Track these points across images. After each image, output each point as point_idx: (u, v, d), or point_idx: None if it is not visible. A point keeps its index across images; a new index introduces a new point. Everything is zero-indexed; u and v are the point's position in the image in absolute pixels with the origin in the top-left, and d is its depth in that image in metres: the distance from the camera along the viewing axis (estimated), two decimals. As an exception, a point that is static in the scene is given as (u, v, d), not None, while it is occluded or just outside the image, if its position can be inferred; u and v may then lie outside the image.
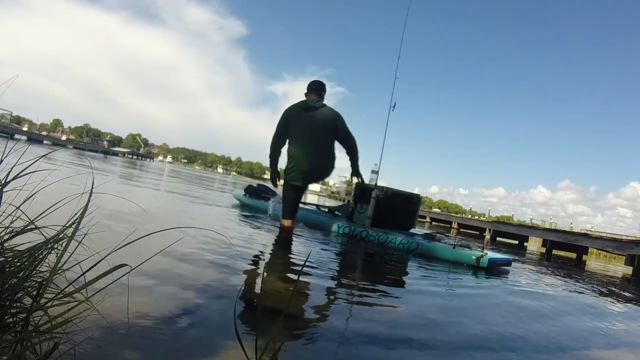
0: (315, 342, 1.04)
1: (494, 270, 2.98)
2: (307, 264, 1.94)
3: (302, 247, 2.66)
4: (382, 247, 3.34)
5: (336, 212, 4.26)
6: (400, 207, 3.91)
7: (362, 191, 3.89)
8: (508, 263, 3.26)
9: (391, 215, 3.82)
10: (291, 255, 2.30)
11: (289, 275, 1.74)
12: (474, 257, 2.99)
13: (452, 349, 1.16)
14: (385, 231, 3.56)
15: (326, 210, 4.44)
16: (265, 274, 1.69)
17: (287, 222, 3.22)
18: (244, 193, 4.97)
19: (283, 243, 2.74)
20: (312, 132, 3.17)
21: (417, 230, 4.10)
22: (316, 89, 3.35)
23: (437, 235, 3.57)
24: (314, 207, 4.62)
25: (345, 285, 1.78)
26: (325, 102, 3.32)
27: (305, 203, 4.70)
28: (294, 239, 2.97)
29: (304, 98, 3.27)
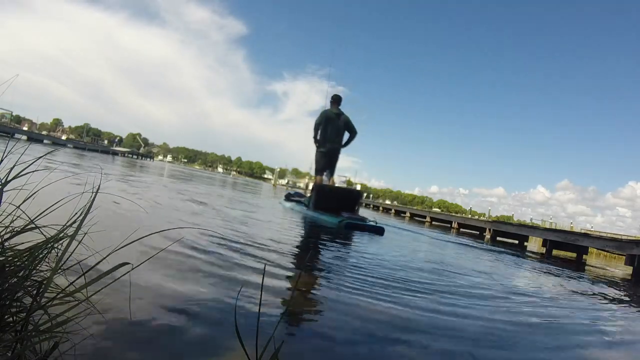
0: (316, 341, 1.04)
1: (359, 230, 4.55)
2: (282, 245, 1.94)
3: (292, 235, 3.33)
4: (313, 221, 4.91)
5: (303, 202, 6.40)
6: (342, 198, 5.66)
7: (312, 187, 5.94)
8: (372, 229, 4.63)
9: (334, 203, 5.43)
10: (291, 254, 2.30)
11: (290, 273, 1.74)
12: (337, 221, 4.55)
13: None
14: (315, 210, 5.39)
15: (303, 201, 6.47)
16: (265, 273, 1.69)
17: (318, 179, 5.97)
18: (284, 199, 7.29)
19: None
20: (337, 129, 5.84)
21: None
22: (337, 100, 5.93)
23: (344, 213, 5.07)
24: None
25: (344, 283, 1.78)
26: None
27: (296, 200, 6.83)
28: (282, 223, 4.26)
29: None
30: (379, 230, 4.65)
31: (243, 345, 0.55)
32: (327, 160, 5.90)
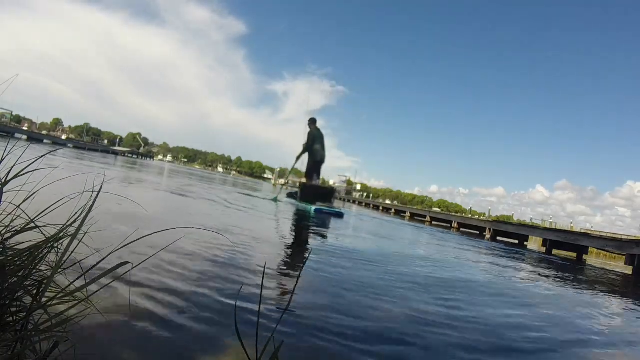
0: (315, 341, 1.04)
1: (326, 214, 6.40)
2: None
3: (289, 226, 3.86)
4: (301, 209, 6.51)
5: (295, 197, 8.15)
6: (321, 193, 7.53)
7: (300, 185, 8.09)
8: (336, 214, 6.57)
9: (315, 197, 7.28)
10: (290, 254, 2.30)
11: (289, 273, 1.74)
12: (310, 208, 6.47)
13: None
14: (301, 202, 7.32)
15: (295, 196, 8.22)
16: (265, 272, 1.69)
17: (308, 180, 7.90)
18: (286, 196, 8.90)
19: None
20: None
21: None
22: (315, 122, 8.15)
23: (318, 202, 7.03)
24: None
25: (343, 283, 1.78)
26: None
27: (294, 197, 8.33)
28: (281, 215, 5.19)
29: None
30: (340, 215, 6.67)
31: (243, 345, 0.55)
32: (317, 167, 8.10)
